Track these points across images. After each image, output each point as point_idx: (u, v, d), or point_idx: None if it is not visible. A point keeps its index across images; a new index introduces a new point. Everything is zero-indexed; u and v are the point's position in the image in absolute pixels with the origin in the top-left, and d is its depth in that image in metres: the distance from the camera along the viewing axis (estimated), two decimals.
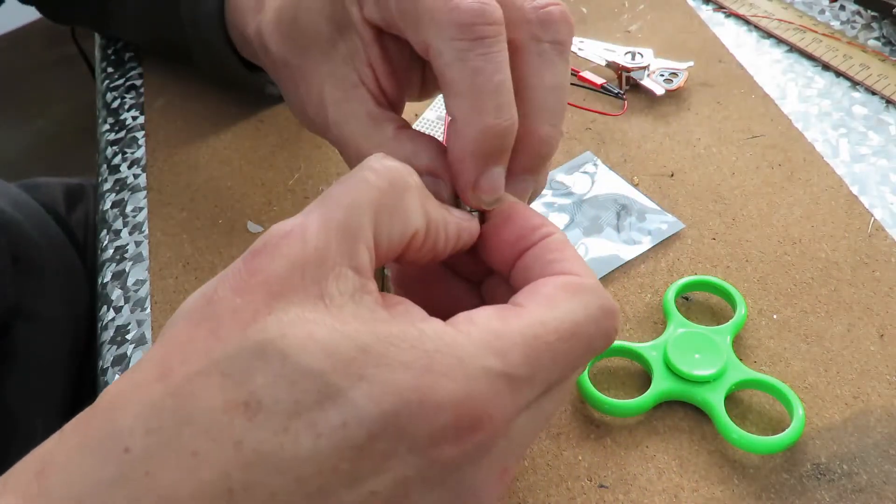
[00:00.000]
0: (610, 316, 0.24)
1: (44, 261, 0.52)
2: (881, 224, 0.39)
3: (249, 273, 0.21)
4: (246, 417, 0.19)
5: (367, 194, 0.23)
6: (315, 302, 0.20)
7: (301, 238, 0.21)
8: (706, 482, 0.30)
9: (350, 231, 0.22)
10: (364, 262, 0.22)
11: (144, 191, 0.45)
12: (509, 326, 0.22)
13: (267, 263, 0.21)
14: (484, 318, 0.22)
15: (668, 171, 0.43)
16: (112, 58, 0.56)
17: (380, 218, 0.23)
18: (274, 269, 0.21)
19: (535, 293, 0.24)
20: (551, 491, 0.30)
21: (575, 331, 0.23)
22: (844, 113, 0.45)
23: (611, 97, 0.46)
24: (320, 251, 0.21)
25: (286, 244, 0.21)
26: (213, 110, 0.49)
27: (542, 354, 0.22)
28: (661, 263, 0.38)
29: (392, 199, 0.23)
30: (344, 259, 0.21)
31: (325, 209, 0.22)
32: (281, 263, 0.21)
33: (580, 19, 0.54)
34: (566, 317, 0.23)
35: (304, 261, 0.21)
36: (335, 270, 0.21)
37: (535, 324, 0.22)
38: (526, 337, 0.22)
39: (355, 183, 0.23)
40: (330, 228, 0.22)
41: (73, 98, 1.81)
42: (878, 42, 0.49)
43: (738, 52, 0.50)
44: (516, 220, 0.27)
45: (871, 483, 0.30)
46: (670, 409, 0.33)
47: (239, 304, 0.20)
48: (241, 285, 0.21)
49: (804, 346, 0.34)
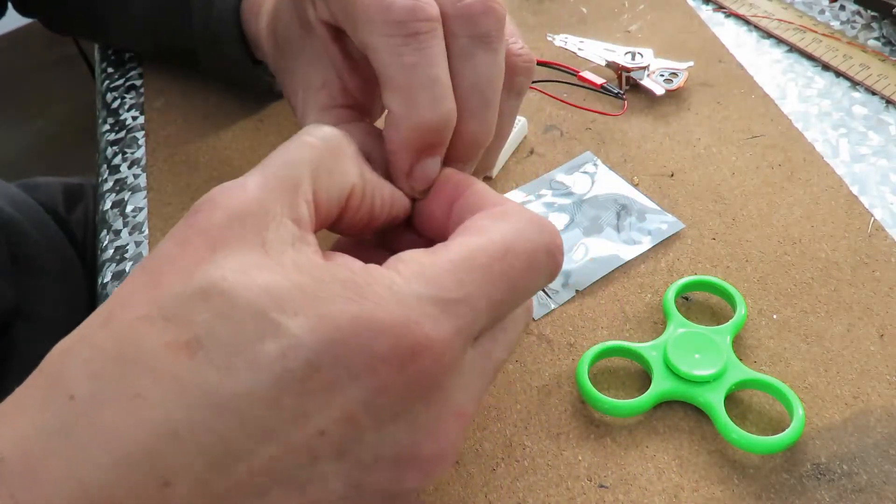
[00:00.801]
0: (543, 230, 0.24)
1: (43, 261, 0.52)
2: (881, 224, 0.39)
3: (189, 226, 0.21)
4: (187, 356, 0.19)
5: (305, 153, 0.23)
6: (255, 248, 0.21)
7: (241, 190, 0.22)
8: (706, 482, 0.30)
9: (289, 184, 0.22)
10: (304, 215, 0.22)
11: (144, 191, 0.45)
12: (438, 257, 0.22)
13: (206, 216, 0.21)
14: (412, 254, 0.22)
15: (668, 171, 0.43)
16: (112, 58, 0.56)
17: (318, 175, 0.23)
18: (213, 220, 0.21)
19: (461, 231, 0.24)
20: (551, 491, 0.30)
21: (507, 248, 0.23)
22: (844, 113, 0.45)
23: (611, 97, 0.46)
24: (260, 201, 0.22)
25: (225, 197, 0.21)
26: (213, 110, 0.49)
27: (475, 276, 0.22)
28: (661, 263, 0.38)
29: (330, 158, 0.24)
30: (284, 210, 0.22)
31: (264, 167, 0.23)
32: (220, 214, 0.21)
33: (580, 19, 0.54)
34: (495, 237, 0.23)
35: (244, 211, 0.21)
36: (275, 220, 0.21)
37: (463, 250, 0.22)
38: (455, 262, 0.22)
39: (294, 145, 0.24)
40: (269, 181, 0.22)
41: (73, 98, 1.81)
42: (878, 42, 0.49)
43: (738, 52, 0.50)
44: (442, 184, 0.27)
45: (871, 483, 0.30)
46: (670, 409, 0.33)
47: (179, 253, 0.21)
48: (181, 237, 0.21)
49: (804, 346, 0.34)
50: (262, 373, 0.19)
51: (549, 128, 0.46)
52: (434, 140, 0.26)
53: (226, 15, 0.42)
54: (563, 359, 0.35)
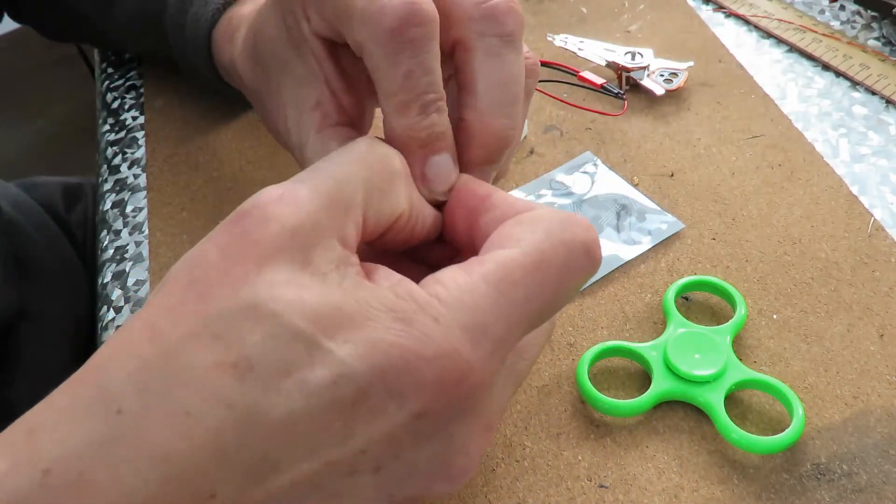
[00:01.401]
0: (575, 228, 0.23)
1: (44, 261, 0.52)
2: (881, 224, 0.39)
3: (239, 234, 0.21)
4: (236, 378, 0.19)
5: (361, 172, 0.23)
6: (302, 269, 0.21)
7: (294, 202, 0.21)
8: (706, 482, 0.30)
9: (342, 204, 0.22)
10: (350, 236, 0.22)
11: (144, 191, 0.45)
12: (473, 276, 0.22)
13: (256, 226, 0.21)
14: (449, 275, 0.22)
15: (668, 171, 0.43)
16: (112, 58, 0.56)
17: (371, 196, 0.23)
18: (264, 232, 0.21)
19: (492, 242, 0.24)
20: (551, 491, 0.30)
21: (542, 258, 0.23)
22: (844, 113, 0.45)
23: (611, 97, 0.46)
24: (312, 217, 0.21)
25: (278, 207, 0.21)
26: (213, 110, 0.49)
27: (512, 294, 0.22)
28: (661, 263, 0.38)
29: (383, 179, 0.24)
30: (332, 230, 0.22)
31: (318, 180, 0.22)
32: (272, 227, 0.21)
33: (580, 19, 0.54)
34: (527, 248, 0.23)
35: (296, 225, 0.21)
36: (324, 240, 0.21)
37: (498, 266, 0.22)
38: (491, 282, 0.22)
39: (349, 160, 0.23)
40: (322, 197, 0.22)
41: (73, 98, 1.81)
42: (878, 42, 0.49)
43: (738, 52, 0.50)
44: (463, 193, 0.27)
45: (871, 483, 0.30)
46: (670, 409, 0.33)
47: (228, 265, 0.20)
48: (230, 247, 0.21)
49: (804, 346, 0.34)
50: (313, 398, 0.20)
51: (549, 128, 0.46)
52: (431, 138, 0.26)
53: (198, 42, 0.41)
54: (563, 359, 0.35)
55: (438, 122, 0.26)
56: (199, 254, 0.21)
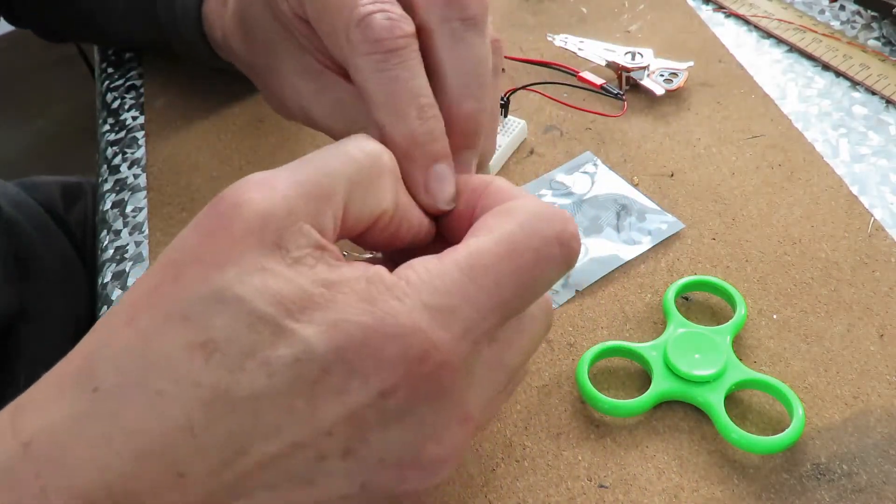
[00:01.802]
0: (553, 219, 0.24)
1: (44, 261, 0.52)
2: (881, 224, 0.39)
3: (214, 217, 0.21)
4: (203, 358, 0.20)
5: (346, 166, 0.23)
6: (272, 251, 0.21)
7: (269, 187, 0.22)
8: (706, 482, 0.30)
9: (321, 192, 0.22)
10: (327, 226, 0.22)
11: (144, 191, 0.45)
12: (444, 263, 0.22)
13: (230, 209, 0.21)
14: (421, 260, 0.23)
15: (668, 171, 0.43)
16: (112, 58, 0.56)
17: (353, 191, 0.23)
18: (238, 215, 0.21)
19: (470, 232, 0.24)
20: (551, 491, 0.30)
21: (513, 247, 0.23)
22: (844, 113, 0.45)
23: (611, 98, 0.46)
24: (287, 202, 0.22)
25: (252, 192, 0.21)
26: (213, 110, 0.49)
27: (480, 278, 0.22)
28: (661, 263, 0.38)
29: (369, 176, 0.24)
30: (308, 217, 0.22)
31: (299, 169, 0.23)
32: (244, 210, 0.21)
33: (580, 19, 0.54)
34: (500, 236, 0.23)
35: (268, 209, 0.21)
36: (297, 225, 0.22)
37: (469, 253, 0.23)
38: (461, 266, 0.22)
39: (335, 154, 0.24)
40: (301, 184, 0.22)
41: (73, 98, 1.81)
42: (878, 42, 0.49)
43: (738, 52, 0.50)
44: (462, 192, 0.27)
45: (871, 483, 0.30)
46: (670, 409, 0.33)
47: (201, 249, 0.21)
48: (205, 230, 0.21)
49: (804, 346, 0.34)
50: (275, 377, 0.20)
51: (549, 128, 0.46)
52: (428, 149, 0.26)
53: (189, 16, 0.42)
54: (563, 359, 0.35)
55: (437, 127, 0.27)
56: (180, 237, 0.22)
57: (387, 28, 0.26)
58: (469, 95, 0.27)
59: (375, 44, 0.26)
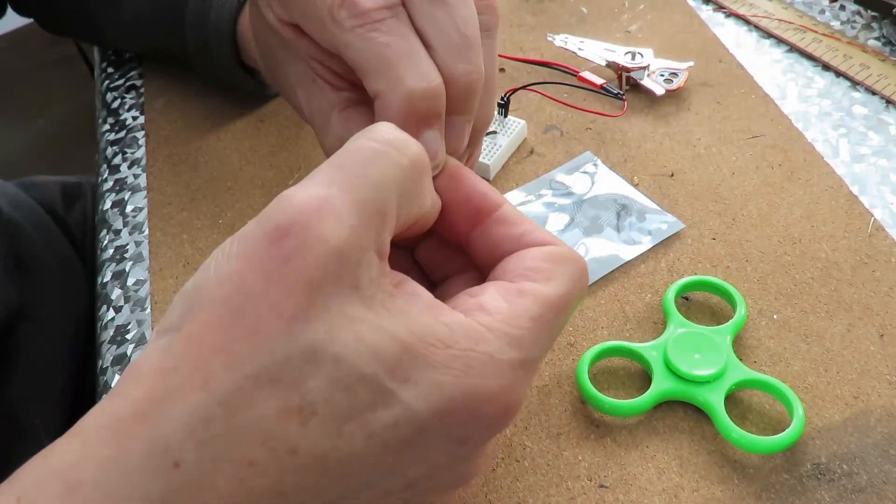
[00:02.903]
0: (585, 276, 0.25)
1: (44, 261, 0.52)
2: (881, 224, 0.39)
3: (282, 259, 0.20)
4: (300, 423, 0.19)
5: (392, 172, 0.22)
6: (351, 293, 0.20)
7: (335, 217, 0.20)
8: (706, 482, 0.30)
9: (380, 213, 0.21)
10: (386, 246, 0.22)
11: (144, 191, 0.45)
12: (517, 311, 0.23)
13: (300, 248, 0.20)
14: (492, 303, 0.23)
15: (668, 171, 0.43)
16: (112, 58, 0.56)
17: (402, 200, 0.22)
18: (310, 256, 0.20)
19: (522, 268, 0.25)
20: (551, 491, 0.30)
21: (566, 302, 0.24)
22: (844, 113, 0.45)
23: (611, 98, 0.46)
24: (355, 233, 0.20)
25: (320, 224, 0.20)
26: (213, 110, 0.49)
27: (545, 332, 0.23)
28: (661, 263, 0.38)
29: (413, 179, 0.23)
30: (371, 243, 0.21)
31: (351, 183, 0.21)
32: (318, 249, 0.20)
33: (580, 19, 0.54)
34: (559, 290, 0.24)
35: (341, 246, 0.20)
36: (366, 256, 0.21)
37: (538, 305, 0.23)
38: (535, 321, 0.23)
39: (379, 158, 0.22)
40: (361, 206, 0.21)
41: (73, 98, 1.81)
42: (878, 42, 0.49)
43: (738, 52, 0.50)
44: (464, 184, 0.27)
45: (871, 483, 0.30)
46: (670, 409, 0.33)
47: (276, 296, 0.19)
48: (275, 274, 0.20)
49: (804, 346, 0.34)
50: (374, 439, 0.20)
51: (549, 128, 0.46)
52: (427, 108, 0.26)
53: (222, 26, 0.42)
54: (563, 359, 0.35)
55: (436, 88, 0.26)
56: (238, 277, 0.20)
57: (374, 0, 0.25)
58: (458, 58, 0.26)
59: (362, 16, 0.25)
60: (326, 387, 0.19)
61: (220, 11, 0.42)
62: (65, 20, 0.54)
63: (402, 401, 0.20)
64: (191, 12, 0.44)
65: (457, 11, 0.26)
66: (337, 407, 0.19)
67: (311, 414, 0.19)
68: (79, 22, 0.52)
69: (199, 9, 0.44)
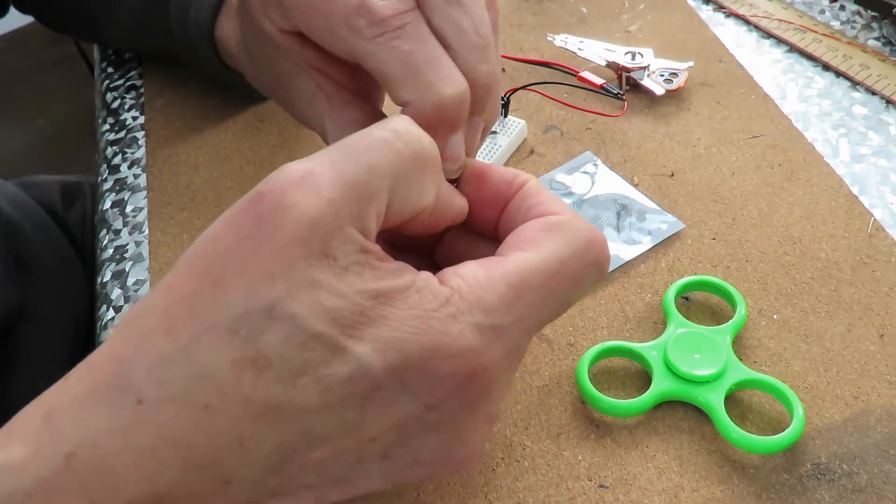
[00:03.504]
0: (595, 245, 0.25)
1: (43, 260, 0.52)
2: (881, 224, 0.39)
3: (255, 220, 0.20)
4: (254, 373, 0.20)
5: (389, 159, 0.22)
6: (320, 260, 0.21)
7: (314, 188, 0.21)
8: (706, 482, 0.30)
9: (366, 194, 0.22)
10: (371, 227, 0.22)
11: (144, 191, 0.45)
12: (493, 276, 0.22)
13: (274, 212, 0.20)
14: (469, 270, 0.23)
15: (668, 171, 0.43)
16: (112, 58, 0.56)
17: (397, 186, 0.22)
18: (282, 220, 0.20)
19: (516, 240, 0.24)
20: (551, 491, 0.30)
21: (560, 269, 0.23)
22: (844, 113, 0.45)
23: (611, 98, 0.46)
24: (333, 205, 0.21)
25: (297, 193, 0.21)
26: (213, 110, 0.49)
27: (528, 299, 0.23)
28: (661, 263, 0.38)
29: (413, 170, 0.23)
30: (353, 220, 0.21)
31: (343, 162, 0.22)
32: (290, 214, 0.20)
33: (580, 19, 0.54)
34: (549, 256, 0.23)
35: (315, 215, 0.20)
36: (343, 230, 0.21)
37: (518, 269, 0.23)
38: (510, 285, 0.22)
39: (380, 144, 0.22)
40: (346, 184, 0.21)
41: (73, 98, 1.81)
42: (878, 42, 0.49)
43: (738, 52, 0.50)
44: (490, 178, 0.27)
45: (871, 483, 0.30)
46: (670, 409, 0.33)
47: (244, 255, 0.20)
48: (245, 233, 0.20)
49: (804, 346, 0.34)
50: (328, 393, 0.20)
51: (549, 128, 0.46)
52: (456, 113, 0.26)
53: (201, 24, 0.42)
54: (563, 359, 0.35)
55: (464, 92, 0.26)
56: (213, 237, 0.21)
57: (388, 6, 0.25)
58: (479, 58, 0.26)
59: (381, 24, 0.25)
60: (281, 342, 0.20)
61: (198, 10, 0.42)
62: (65, 18, 0.54)
63: (356, 356, 0.20)
64: (174, 7, 0.44)
65: (472, 11, 0.26)
66: (290, 361, 0.20)
67: (265, 366, 0.20)
68: (78, 21, 0.52)
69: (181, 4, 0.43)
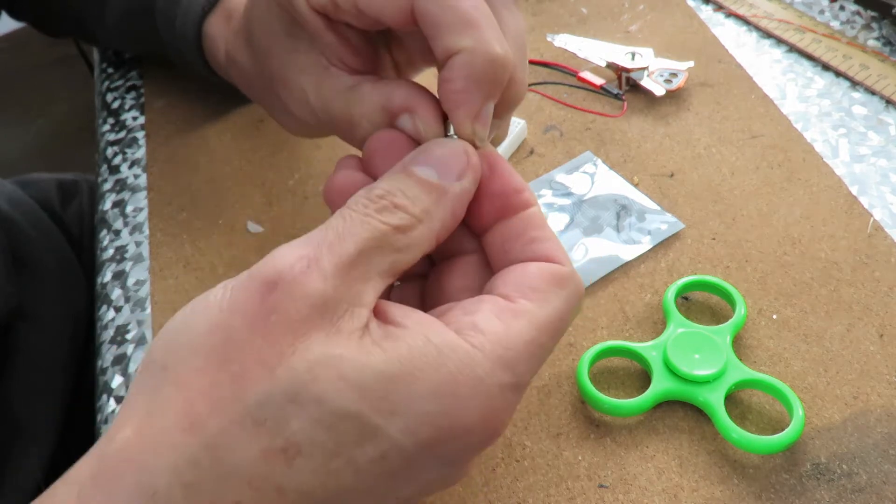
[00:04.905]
0: (581, 297, 0.26)
1: (41, 259, 0.52)
2: (881, 224, 0.39)
3: (268, 310, 0.21)
4: (285, 463, 0.20)
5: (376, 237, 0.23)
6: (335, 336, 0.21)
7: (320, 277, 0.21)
8: (706, 482, 0.30)
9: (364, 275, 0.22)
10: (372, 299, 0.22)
11: (144, 191, 0.45)
12: (511, 333, 0.23)
13: (285, 301, 0.21)
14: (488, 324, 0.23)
15: (668, 171, 0.43)
16: (112, 58, 0.56)
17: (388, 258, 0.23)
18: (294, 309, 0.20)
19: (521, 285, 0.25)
20: (551, 491, 0.30)
21: (561, 326, 0.24)
22: (844, 113, 0.45)
23: (610, 98, 0.46)
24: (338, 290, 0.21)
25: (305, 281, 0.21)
26: (213, 110, 0.49)
27: (538, 353, 0.23)
28: (660, 263, 0.38)
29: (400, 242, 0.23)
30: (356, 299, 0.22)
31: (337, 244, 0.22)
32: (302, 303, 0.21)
33: (580, 19, 0.54)
34: (555, 314, 0.24)
35: (324, 301, 0.21)
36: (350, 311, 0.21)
37: (532, 327, 0.23)
38: (528, 344, 0.23)
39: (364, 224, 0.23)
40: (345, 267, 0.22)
41: (73, 98, 1.81)
42: (877, 42, 0.49)
43: (737, 52, 0.50)
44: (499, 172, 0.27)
45: (871, 483, 0.30)
46: (670, 409, 0.33)
47: (261, 344, 0.20)
48: (261, 324, 0.20)
49: (804, 346, 0.34)
50: (362, 473, 0.20)
51: (549, 128, 0.46)
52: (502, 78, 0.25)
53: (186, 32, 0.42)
54: (563, 359, 0.35)
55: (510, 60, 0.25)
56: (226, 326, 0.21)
57: None
58: (522, 64, 0.27)
59: None
60: (309, 427, 0.20)
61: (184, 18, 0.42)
62: (57, 23, 0.54)
63: (388, 436, 0.20)
64: (160, 14, 0.44)
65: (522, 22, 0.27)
66: (321, 446, 0.20)
67: (295, 454, 0.20)
68: (69, 25, 0.53)
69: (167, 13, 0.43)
